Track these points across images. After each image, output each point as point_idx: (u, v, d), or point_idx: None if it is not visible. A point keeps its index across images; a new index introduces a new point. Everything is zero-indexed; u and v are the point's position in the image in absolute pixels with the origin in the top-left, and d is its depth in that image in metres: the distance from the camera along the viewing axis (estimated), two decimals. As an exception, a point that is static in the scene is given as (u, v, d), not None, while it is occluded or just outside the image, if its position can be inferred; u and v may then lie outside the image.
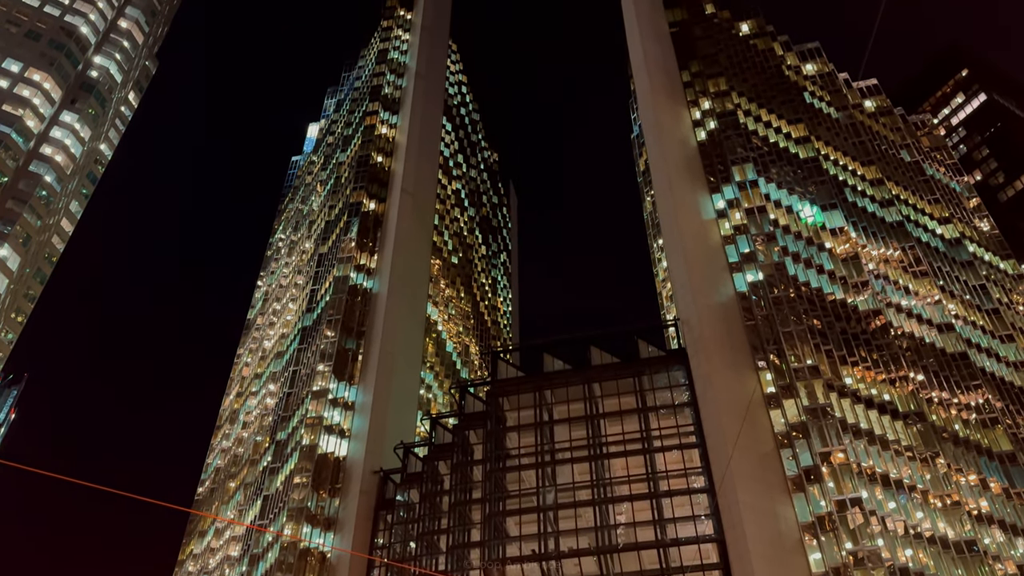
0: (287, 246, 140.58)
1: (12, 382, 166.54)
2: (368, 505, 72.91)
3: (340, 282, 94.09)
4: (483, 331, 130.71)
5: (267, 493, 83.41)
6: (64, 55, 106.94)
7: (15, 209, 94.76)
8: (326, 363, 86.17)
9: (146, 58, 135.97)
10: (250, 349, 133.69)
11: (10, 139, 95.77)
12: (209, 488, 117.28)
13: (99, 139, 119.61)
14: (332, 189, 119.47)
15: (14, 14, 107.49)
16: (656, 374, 69.75)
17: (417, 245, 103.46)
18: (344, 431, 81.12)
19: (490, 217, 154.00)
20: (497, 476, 65.24)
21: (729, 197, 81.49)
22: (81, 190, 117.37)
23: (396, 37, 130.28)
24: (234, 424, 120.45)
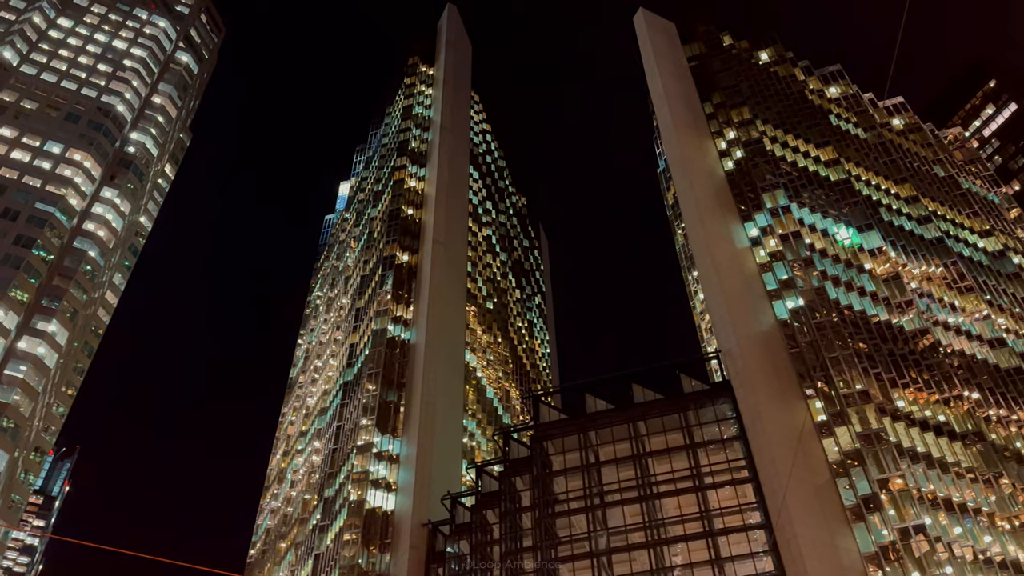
0: (325, 303, 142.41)
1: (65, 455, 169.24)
2: (419, 559, 72.18)
3: (378, 335, 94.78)
4: (522, 375, 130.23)
5: (318, 552, 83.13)
6: (102, 134, 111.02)
7: (62, 285, 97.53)
8: (369, 417, 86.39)
9: (180, 131, 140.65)
10: (294, 407, 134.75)
11: (54, 218, 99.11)
12: (261, 550, 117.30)
13: (138, 212, 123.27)
14: (365, 244, 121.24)
15: (53, 98, 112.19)
16: (702, 409, 68.65)
17: (452, 294, 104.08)
18: (390, 485, 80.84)
19: (522, 261, 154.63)
20: (547, 522, 64.30)
21: (762, 224, 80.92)
22: (123, 263, 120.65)
23: (420, 92, 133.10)
24: (282, 483, 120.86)
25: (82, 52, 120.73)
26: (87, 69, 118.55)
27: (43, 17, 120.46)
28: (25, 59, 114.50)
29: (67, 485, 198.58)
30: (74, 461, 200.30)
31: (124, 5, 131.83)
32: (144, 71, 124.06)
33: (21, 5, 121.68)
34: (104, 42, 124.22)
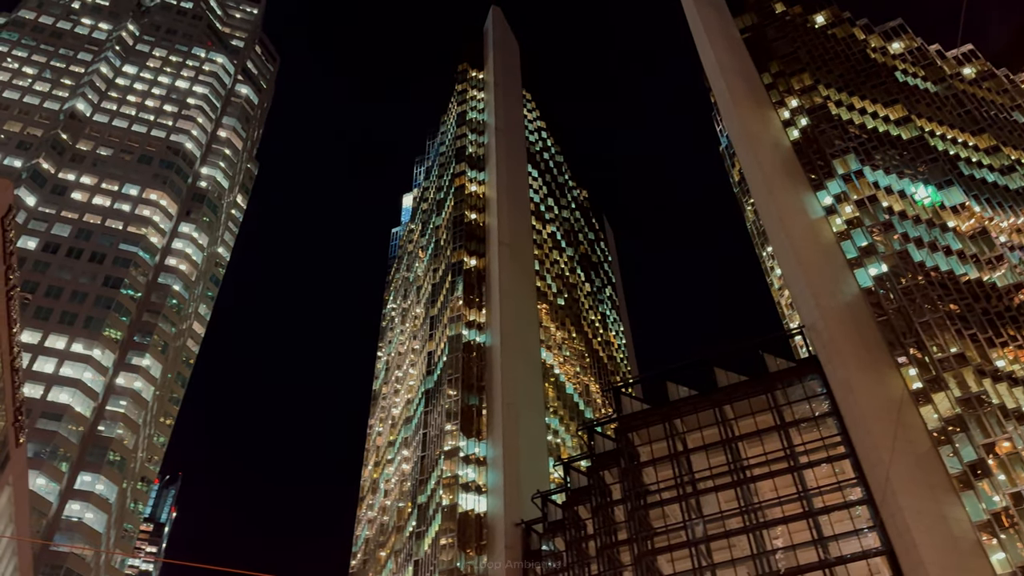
0: (399, 314, 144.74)
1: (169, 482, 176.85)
2: (515, 559, 72.54)
3: (454, 341, 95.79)
4: (600, 368, 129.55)
5: (417, 558, 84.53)
6: (174, 172, 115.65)
7: (151, 320, 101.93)
8: (453, 422, 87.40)
9: (247, 161, 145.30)
10: (380, 418, 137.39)
11: (138, 257, 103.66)
12: (362, 560, 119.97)
13: (216, 243, 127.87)
14: (433, 253, 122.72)
15: (126, 143, 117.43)
16: (790, 387, 66.91)
17: (522, 293, 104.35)
18: (480, 487, 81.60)
19: (589, 254, 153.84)
20: (640, 514, 63.74)
21: (835, 192, 78.43)
22: (207, 293, 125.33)
23: (472, 97, 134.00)
24: (376, 494, 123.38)
25: (148, 95, 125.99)
26: (154, 111, 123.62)
27: (109, 67, 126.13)
28: (97, 108, 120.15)
29: (174, 511, 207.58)
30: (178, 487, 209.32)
31: (182, 45, 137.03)
32: (207, 107, 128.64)
33: (88, 57, 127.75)
34: (167, 83, 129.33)
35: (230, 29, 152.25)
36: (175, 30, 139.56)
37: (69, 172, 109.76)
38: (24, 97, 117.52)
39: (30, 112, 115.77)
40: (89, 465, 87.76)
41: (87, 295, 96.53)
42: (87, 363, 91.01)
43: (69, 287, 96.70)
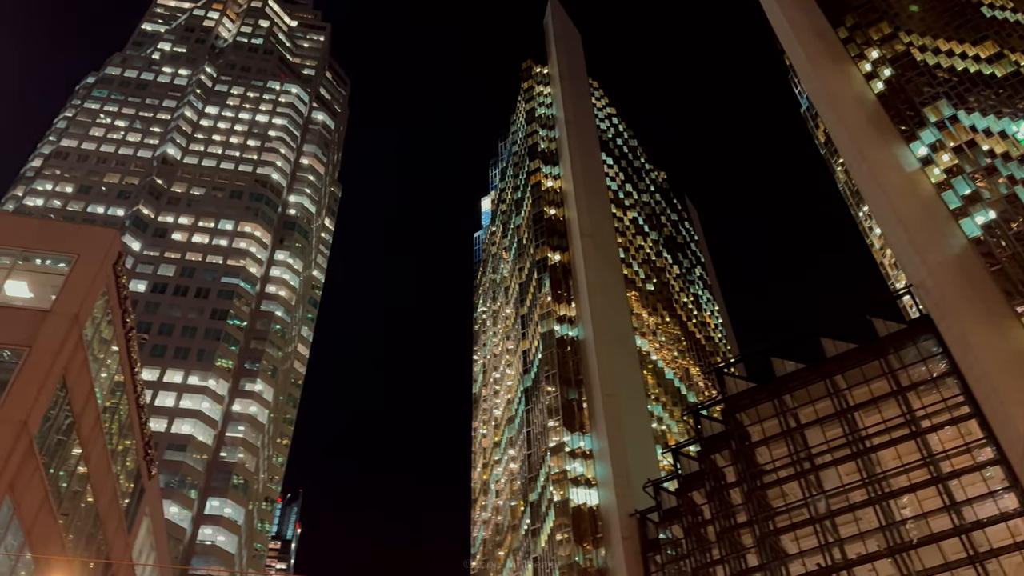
0: (490, 316, 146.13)
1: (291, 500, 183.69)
2: (633, 550, 72.07)
3: (547, 338, 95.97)
4: (699, 350, 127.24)
5: (535, 555, 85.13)
6: (264, 203, 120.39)
7: (258, 347, 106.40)
8: (555, 418, 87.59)
9: (330, 185, 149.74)
10: (483, 420, 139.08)
11: (240, 288, 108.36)
12: (481, 561, 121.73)
13: (310, 266, 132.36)
14: (517, 252, 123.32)
15: (217, 180, 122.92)
16: (903, 350, 63.92)
17: (609, 283, 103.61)
18: (590, 480, 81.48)
19: (673, 235, 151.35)
20: (758, 495, 62.21)
21: (930, 141, 74.50)
22: (307, 315, 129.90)
23: (539, 94, 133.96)
24: (487, 495, 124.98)
25: (232, 133, 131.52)
26: (239, 147, 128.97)
27: (193, 110, 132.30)
28: (186, 151, 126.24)
29: (298, 527, 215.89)
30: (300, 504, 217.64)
31: (258, 81, 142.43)
32: (288, 137, 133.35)
33: (173, 104, 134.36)
34: (248, 119, 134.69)
35: (300, 59, 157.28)
36: (249, 67, 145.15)
37: (167, 215, 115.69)
38: (119, 149, 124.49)
39: (126, 162, 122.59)
40: (216, 490, 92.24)
41: (197, 329, 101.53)
42: (204, 394, 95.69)
43: (180, 323, 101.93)
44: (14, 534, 21.96)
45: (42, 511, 23.49)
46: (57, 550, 24.89)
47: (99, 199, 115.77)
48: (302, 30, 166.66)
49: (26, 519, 22.43)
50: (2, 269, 26.08)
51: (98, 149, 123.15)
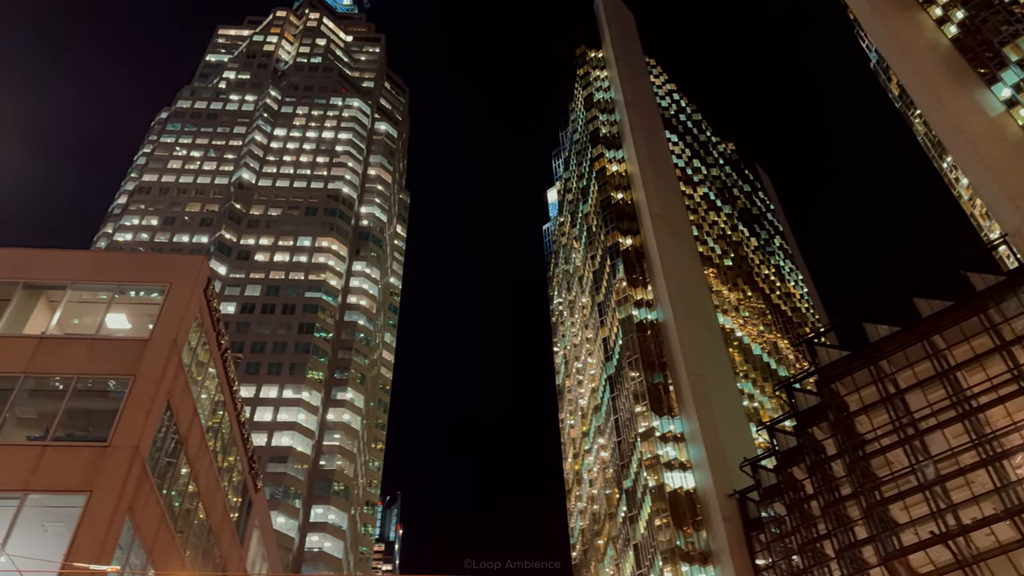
0: (567, 307, 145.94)
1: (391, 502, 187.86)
2: (736, 530, 70.92)
3: (625, 323, 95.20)
4: (786, 322, 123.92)
5: (635, 542, 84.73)
6: (339, 217, 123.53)
7: (346, 357, 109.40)
8: (641, 403, 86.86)
9: (399, 192, 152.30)
10: (569, 411, 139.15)
11: (323, 301, 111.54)
12: (581, 550, 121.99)
13: (387, 274, 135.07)
14: (587, 241, 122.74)
15: (291, 199, 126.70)
16: (1003, 303, 60.60)
17: (685, 262, 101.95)
18: (684, 463, 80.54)
19: (748, 207, 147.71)
20: (861, 466, 60.17)
21: (1013, 81, 70.55)
22: (388, 322, 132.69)
23: (596, 79, 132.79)
24: (581, 485, 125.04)
25: (301, 152, 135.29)
26: (309, 165, 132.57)
27: (262, 134, 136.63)
28: (260, 174, 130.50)
29: (399, 528, 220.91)
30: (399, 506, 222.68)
31: (320, 99, 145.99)
32: (354, 151, 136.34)
33: (243, 130, 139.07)
34: (315, 137, 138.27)
35: (359, 72, 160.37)
36: (311, 86, 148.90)
37: (249, 237, 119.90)
38: (197, 178, 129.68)
39: (205, 191, 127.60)
40: (319, 498, 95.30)
41: (286, 344, 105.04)
42: (299, 406, 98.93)
43: (270, 340, 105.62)
44: (136, 553, 23.23)
45: (160, 529, 24.78)
46: (177, 566, 26.22)
47: (183, 228, 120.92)
48: (358, 44, 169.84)
49: (146, 538, 23.70)
50: (102, 304, 27.58)
51: (177, 180, 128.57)
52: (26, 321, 26.94)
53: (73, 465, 22.39)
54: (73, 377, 24.77)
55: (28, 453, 22.68)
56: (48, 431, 23.45)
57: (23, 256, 28.46)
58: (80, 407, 24.96)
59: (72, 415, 24.52)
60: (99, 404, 25.15)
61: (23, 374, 24.57)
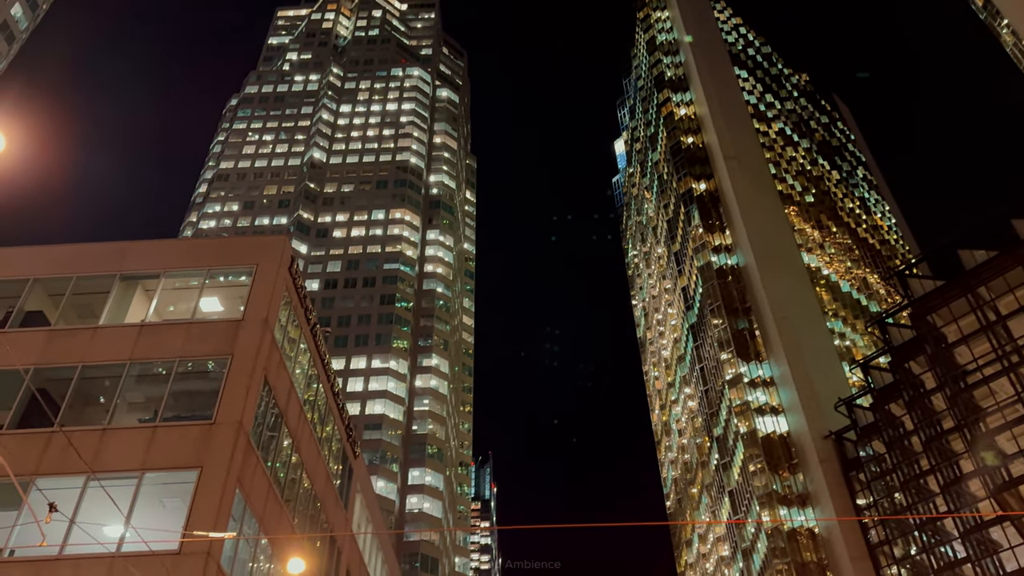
0: (642, 259, 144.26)
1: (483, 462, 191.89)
2: (833, 471, 69.59)
3: (705, 271, 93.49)
4: (874, 256, 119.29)
5: (730, 488, 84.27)
6: (409, 188, 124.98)
7: (428, 324, 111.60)
8: (727, 350, 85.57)
9: (465, 158, 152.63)
10: (652, 363, 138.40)
11: (401, 272, 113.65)
12: (675, 500, 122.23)
13: (460, 240, 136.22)
14: (659, 189, 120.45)
15: (362, 174, 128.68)
16: (1113, 217, 56.75)
17: (764, 202, 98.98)
18: (775, 408, 79.25)
19: (827, 139, 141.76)
20: (964, 398, 57.90)
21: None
22: (465, 287, 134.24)
23: (657, 20, 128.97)
24: (670, 435, 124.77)
25: (367, 126, 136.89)
26: (376, 139, 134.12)
27: (329, 112, 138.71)
28: (330, 152, 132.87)
29: (493, 487, 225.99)
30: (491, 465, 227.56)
31: (381, 71, 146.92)
32: (418, 120, 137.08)
33: (310, 109, 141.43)
34: (379, 110, 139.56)
35: (416, 41, 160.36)
36: (371, 59, 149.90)
37: (325, 215, 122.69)
38: (271, 162, 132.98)
39: (280, 173, 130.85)
40: (414, 462, 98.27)
41: (370, 316, 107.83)
42: (387, 374, 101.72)
43: (354, 313, 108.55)
44: (249, 523, 24.52)
45: (269, 499, 26.04)
46: (287, 532, 27.58)
47: (263, 211, 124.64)
48: (413, 11, 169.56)
49: (257, 508, 24.96)
50: (194, 289, 28.83)
51: (253, 165, 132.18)
52: (126, 311, 28.41)
53: (183, 443, 23.69)
54: (175, 361, 26.07)
55: (141, 435, 24.11)
56: (157, 413, 24.83)
57: (117, 249, 29.91)
58: (184, 389, 26.30)
59: (177, 397, 25.88)
60: (201, 385, 26.43)
61: (128, 361, 26.01)
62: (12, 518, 21.83)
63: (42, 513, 17.54)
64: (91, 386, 26.37)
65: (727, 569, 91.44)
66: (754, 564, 78.07)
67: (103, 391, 26.29)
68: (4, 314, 27.65)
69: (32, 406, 24.64)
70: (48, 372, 25.87)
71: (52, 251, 30.11)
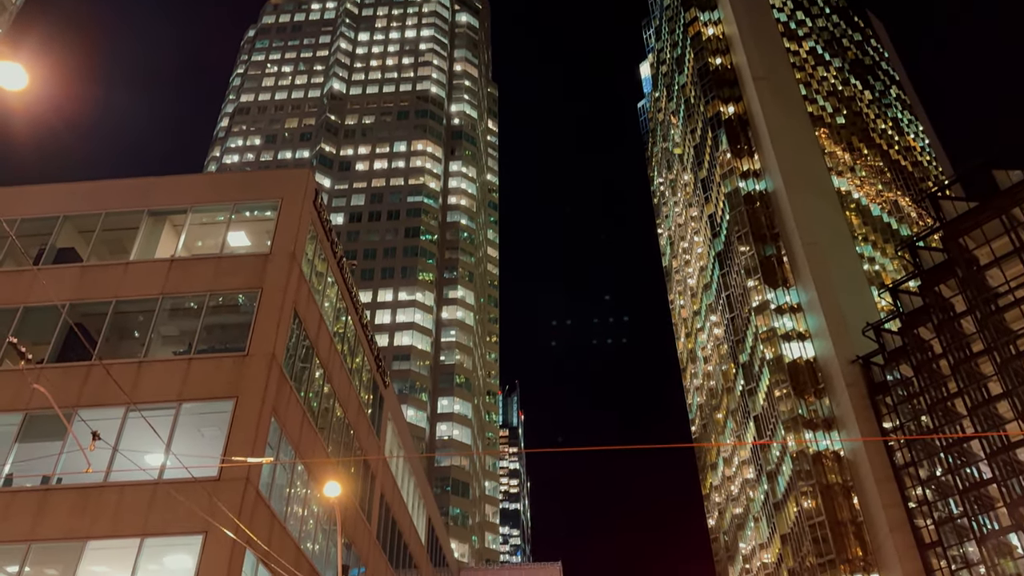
0: (668, 187, 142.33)
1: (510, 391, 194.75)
2: (860, 395, 69.80)
3: (732, 197, 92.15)
4: (906, 178, 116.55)
5: (755, 414, 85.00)
6: (430, 118, 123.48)
7: (452, 256, 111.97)
8: (754, 277, 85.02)
9: (486, 86, 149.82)
10: (678, 292, 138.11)
11: (424, 204, 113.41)
12: (700, 425, 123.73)
13: (483, 172, 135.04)
14: (686, 114, 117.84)
15: (383, 105, 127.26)
16: None
17: (793, 125, 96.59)
18: (802, 333, 79.08)
19: (860, 58, 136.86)
20: (994, 320, 57.30)
21: None
22: (489, 219, 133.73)
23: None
24: (695, 363, 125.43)
25: (386, 55, 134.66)
26: (396, 68, 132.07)
27: (347, 41, 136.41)
28: (350, 83, 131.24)
29: (520, 414, 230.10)
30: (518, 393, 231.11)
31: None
32: (438, 47, 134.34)
33: (328, 39, 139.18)
34: (398, 38, 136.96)
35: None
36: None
37: (347, 148, 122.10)
38: (292, 94, 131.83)
39: (300, 105, 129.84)
40: (443, 391, 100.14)
41: (395, 249, 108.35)
42: (414, 306, 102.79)
43: (379, 247, 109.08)
44: (285, 450, 25.26)
45: (304, 427, 26.76)
46: (322, 458, 28.42)
47: (285, 145, 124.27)
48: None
49: (292, 436, 25.68)
50: (221, 224, 29.05)
51: (273, 98, 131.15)
52: (156, 246, 28.76)
53: (217, 375, 24.27)
54: (206, 295, 26.48)
55: (177, 367, 24.72)
56: (191, 346, 25.38)
57: (144, 185, 30.10)
58: (216, 322, 26.79)
59: (210, 330, 26.39)
60: (232, 318, 26.89)
61: (161, 295, 26.47)
62: (58, 448, 22.68)
63: (86, 442, 18.20)
64: (126, 320, 26.94)
65: (751, 491, 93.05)
66: (779, 486, 79.32)
67: (137, 325, 26.86)
68: (37, 251, 28.13)
69: (70, 340, 25.30)
70: (83, 307, 26.43)
71: (80, 188, 30.38)
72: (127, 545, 21.11)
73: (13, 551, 21.22)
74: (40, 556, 21.56)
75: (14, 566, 21.13)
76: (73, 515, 21.58)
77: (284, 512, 25.17)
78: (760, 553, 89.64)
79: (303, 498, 27.41)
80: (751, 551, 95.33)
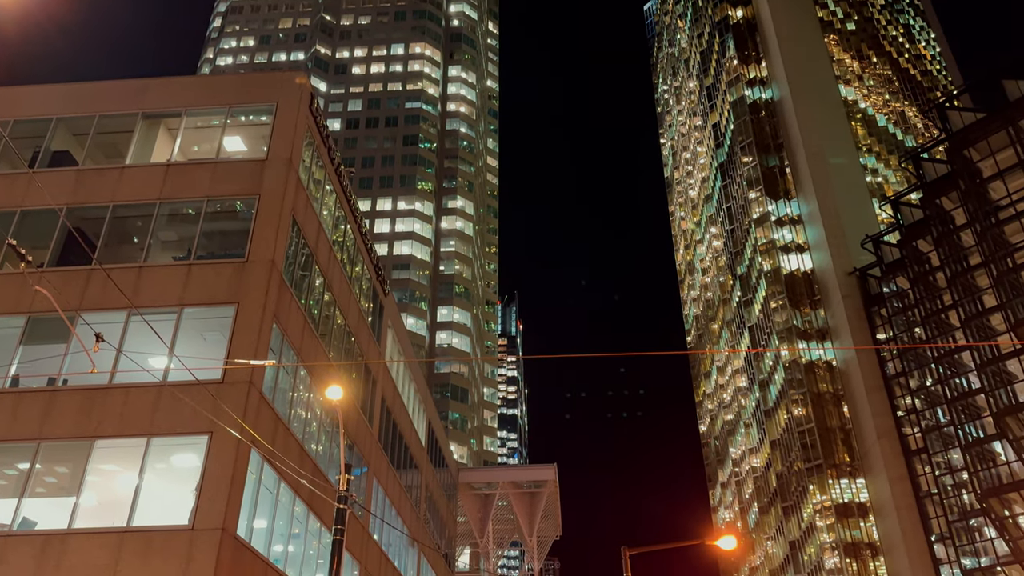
0: (672, 94, 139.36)
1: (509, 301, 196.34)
2: (855, 307, 70.49)
3: (737, 105, 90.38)
4: (915, 88, 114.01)
5: (750, 324, 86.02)
6: (428, 19, 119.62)
7: (452, 165, 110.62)
8: (756, 189, 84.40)
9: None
10: (679, 203, 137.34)
11: (423, 111, 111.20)
12: (696, 335, 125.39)
13: (483, 78, 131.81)
14: (693, 18, 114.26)
15: (379, 5, 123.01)
16: None
17: (803, 31, 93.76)
18: (801, 245, 79.14)
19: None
20: (994, 233, 57.21)
21: None
22: (489, 127, 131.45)
23: None
24: (693, 274, 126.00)
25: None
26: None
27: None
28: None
29: (519, 324, 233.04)
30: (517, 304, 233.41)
31: None
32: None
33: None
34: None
35: None
36: None
37: (343, 50, 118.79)
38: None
39: (294, 4, 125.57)
40: (442, 300, 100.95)
41: (394, 157, 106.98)
42: (413, 216, 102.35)
43: (377, 154, 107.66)
44: (287, 355, 25.66)
45: (305, 333, 27.10)
46: (323, 362, 28.91)
47: (279, 46, 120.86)
48: None
49: (294, 341, 26.04)
50: (216, 129, 28.56)
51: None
52: (151, 150, 28.37)
53: (218, 280, 24.38)
54: (203, 200, 26.29)
55: (177, 272, 24.80)
56: (190, 251, 25.38)
57: (138, 87, 29.40)
58: (214, 228, 26.69)
59: (209, 236, 26.32)
60: (231, 224, 26.78)
61: (158, 200, 26.28)
62: (62, 350, 23.02)
63: (89, 344, 18.45)
64: (124, 225, 26.85)
65: (743, 399, 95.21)
66: (770, 394, 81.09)
67: (136, 230, 26.79)
68: (31, 154, 27.76)
69: (69, 244, 25.28)
70: (81, 211, 26.30)
71: (72, 89, 29.69)
72: (134, 444, 21.70)
73: (23, 449, 21.83)
74: (50, 454, 22.20)
75: (25, 463, 21.80)
76: (80, 415, 22.09)
77: (288, 414, 25.79)
78: (749, 458, 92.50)
79: (306, 401, 28.04)
80: (741, 455, 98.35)
